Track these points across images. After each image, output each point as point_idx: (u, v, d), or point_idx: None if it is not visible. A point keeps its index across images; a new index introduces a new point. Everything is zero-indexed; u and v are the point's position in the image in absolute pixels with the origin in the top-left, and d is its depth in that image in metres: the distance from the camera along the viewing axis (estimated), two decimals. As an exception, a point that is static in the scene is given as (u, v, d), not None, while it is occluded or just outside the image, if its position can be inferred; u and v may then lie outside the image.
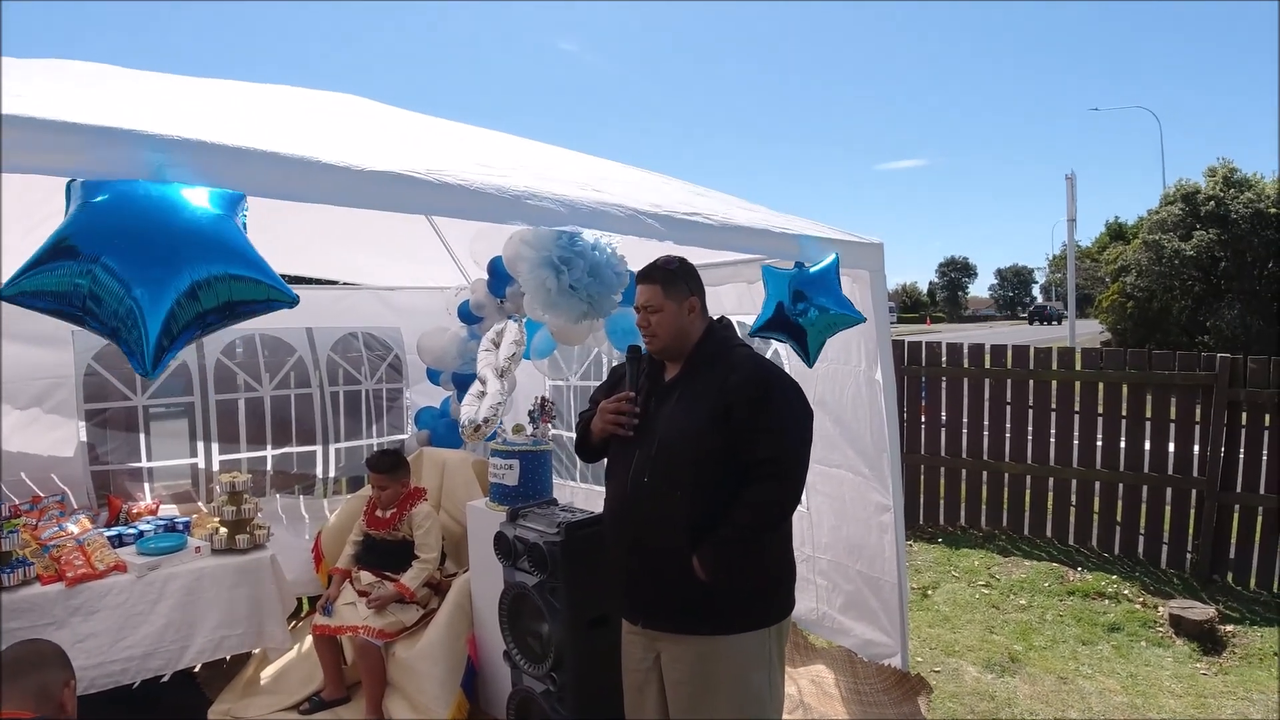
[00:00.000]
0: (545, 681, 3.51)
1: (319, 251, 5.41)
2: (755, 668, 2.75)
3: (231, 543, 4.34)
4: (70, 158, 1.83)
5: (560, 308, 3.84)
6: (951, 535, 7.57)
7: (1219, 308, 21.23)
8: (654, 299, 2.84)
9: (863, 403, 4.55)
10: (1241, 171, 22.90)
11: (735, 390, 2.70)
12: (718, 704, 2.71)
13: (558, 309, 3.86)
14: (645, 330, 2.88)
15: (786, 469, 2.69)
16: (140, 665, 3.91)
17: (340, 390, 5.96)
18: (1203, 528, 6.47)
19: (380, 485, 4.48)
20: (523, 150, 4.21)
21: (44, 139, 1.80)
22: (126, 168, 1.85)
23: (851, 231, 4.30)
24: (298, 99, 4.03)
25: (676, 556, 2.66)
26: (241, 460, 5.43)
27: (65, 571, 3.88)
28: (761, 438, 2.66)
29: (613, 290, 3.95)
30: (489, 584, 3.98)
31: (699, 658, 2.72)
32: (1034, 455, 7.37)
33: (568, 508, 3.83)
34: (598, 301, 3.87)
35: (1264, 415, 6.27)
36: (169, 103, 2.90)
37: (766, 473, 2.65)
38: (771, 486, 2.66)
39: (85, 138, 1.84)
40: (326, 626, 4.30)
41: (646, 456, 2.74)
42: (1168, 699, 4.68)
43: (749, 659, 2.73)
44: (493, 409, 4.41)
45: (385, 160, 2.35)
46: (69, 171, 1.83)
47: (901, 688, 4.49)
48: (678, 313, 2.84)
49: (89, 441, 4.93)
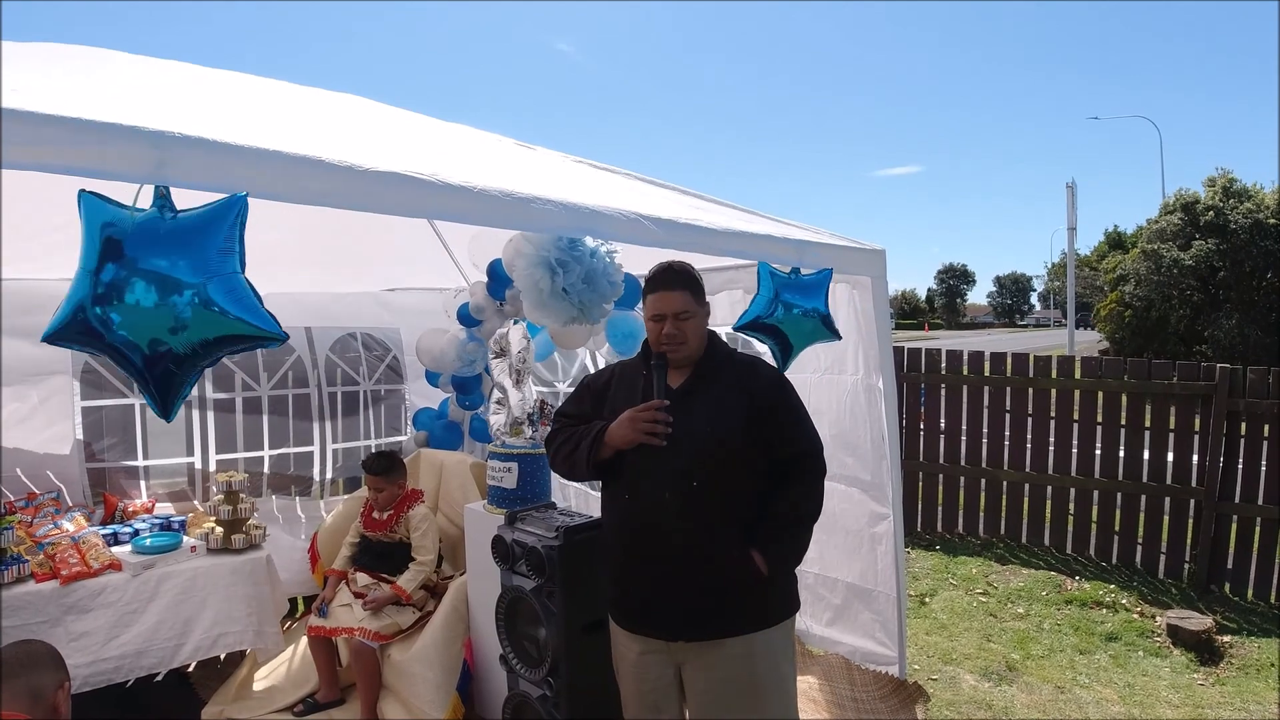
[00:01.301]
0: (541, 686, 3.49)
1: (318, 250, 5.36)
2: (786, 659, 2.84)
3: (227, 542, 4.33)
4: (68, 154, 1.78)
5: (550, 309, 3.82)
6: (950, 543, 7.56)
7: (1217, 317, 21.27)
8: (688, 305, 2.79)
9: (861, 410, 4.54)
10: (1241, 182, 22.95)
11: (763, 393, 2.79)
12: (762, 702, 2.73)
13: (547, 310, 3.84)
14: (676, 337, 2.79)
15: (820, 460, 2.88)
16: (134, 663, 3.89)
17: (338, 391, 5.93)
18: (1201, 538, 6.46)
19: (376, 487, 4.46)
20: (518, 155, 4.20)
21: (42, 134, 1.74)
22: (126, 165, 1.82)
23: (852, 238, 4.28)
24: (296, 96, 4.00)
25: (718, 561, 2.66)
26: (238, 460, 5.40)
27: (60, 569, 3.87)
28: (791, 434, 2.81)
29: (605, 299, 3.93)
30: (486, 587, 3.96)
31: (735, 659, 2.72)
32: (1033, 463, 7.36)
33: (566, 511, 3.82)
34: (588, 307, 3.85)
35: (1263, 425, 6.27)
36: (167, 94, 2.87)
37: (806, 467, 2.82)
38: (814, 477, 2.85)
39: (85, 134, 1.79)
40: (322, 628, 4.28)
41: (675, 465, 2.68)
42: (1165, 709, 4.67)
43: (783, 650, 2.83)
44: (521, 408, 4.39)
45: (387, 160, 2.32)
46: (67, 169, 1.78)
47: (899, 696, 4.47)
48: (705, 319, 2.88)
49: (85, 439, 4.91)
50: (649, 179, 4.52)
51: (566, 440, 2.92)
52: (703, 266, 3.88)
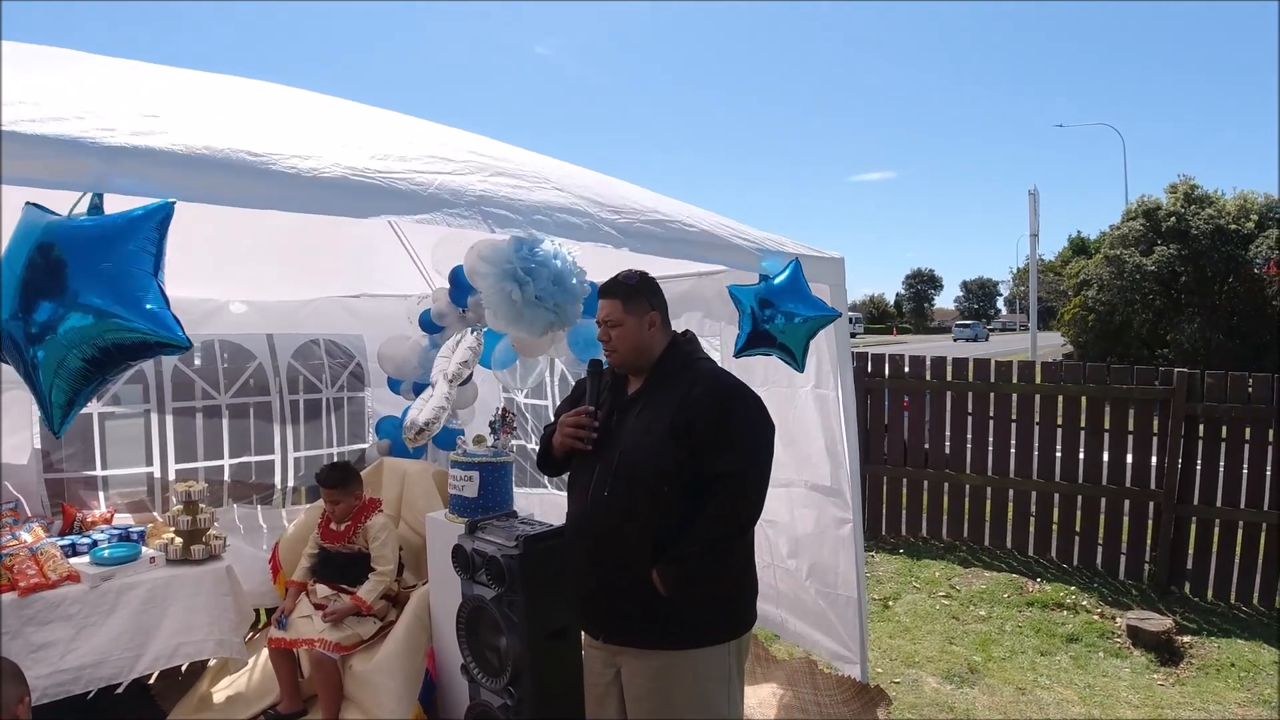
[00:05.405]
0: (503, 695, 3.48)
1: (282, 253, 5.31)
2: (715, 683, 2.73)
3: (187, 553, 4.29)
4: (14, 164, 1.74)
5: (526, 319, 3.81)
6: (913, 546, 7.61)
7: (1179, 322, 21.56)
8: (614, 313, 2.84)
9: (811, 420, 4.55)
10: (1202, 188, 23.31)
11: (696, 404, 2.69)
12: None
13: (523, 320, 3.82)
14: (606, 344, 2.88)
15: (747, 483, 2.67)
16: (93, 674, 3.86)
17: (300, 399, 5.88)
18: (1160, 539, 6.55)
19: (332, 500, 4.41)
20: (477, 146, 4.17)
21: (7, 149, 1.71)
22: (70, 176, 1.79)
23: (814, 246, 4.29)
24: (266, 95, 3.93)
25: (637, 570, 2.64)
26: (198, 469, 5.35)
27: (18, 580, 3.83)
28: (722, 451, 2.64)
29: (576, 299, 3.92)
30: (448, 596, 3.94)
31: (658, 673, 2.71)
32: (994, 467, 7.44)
33: (527, 520, 3.81)
34: (563, 311, 3.85)
35: (1221, 429, 6.37)
36: (116, 99, 2.82)
37: (726, 487, 2.63)
38: (731, 501, 2.64)
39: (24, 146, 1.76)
40: (282, 640, 4.24)
41: (608, 470, 2.73)
42: (1125, 709, 4.73)
43: (709, 674, 2.72)
44: (435, 412, 4.37)
45: (337, 162, 2.29)
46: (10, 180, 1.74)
47: (861, 699, 4.49)
48: (637, 327, 2.83)
49: (43, 449, 4.85)
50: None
51: (543, 438, 3.05)
52: (667, 274, 3.88)
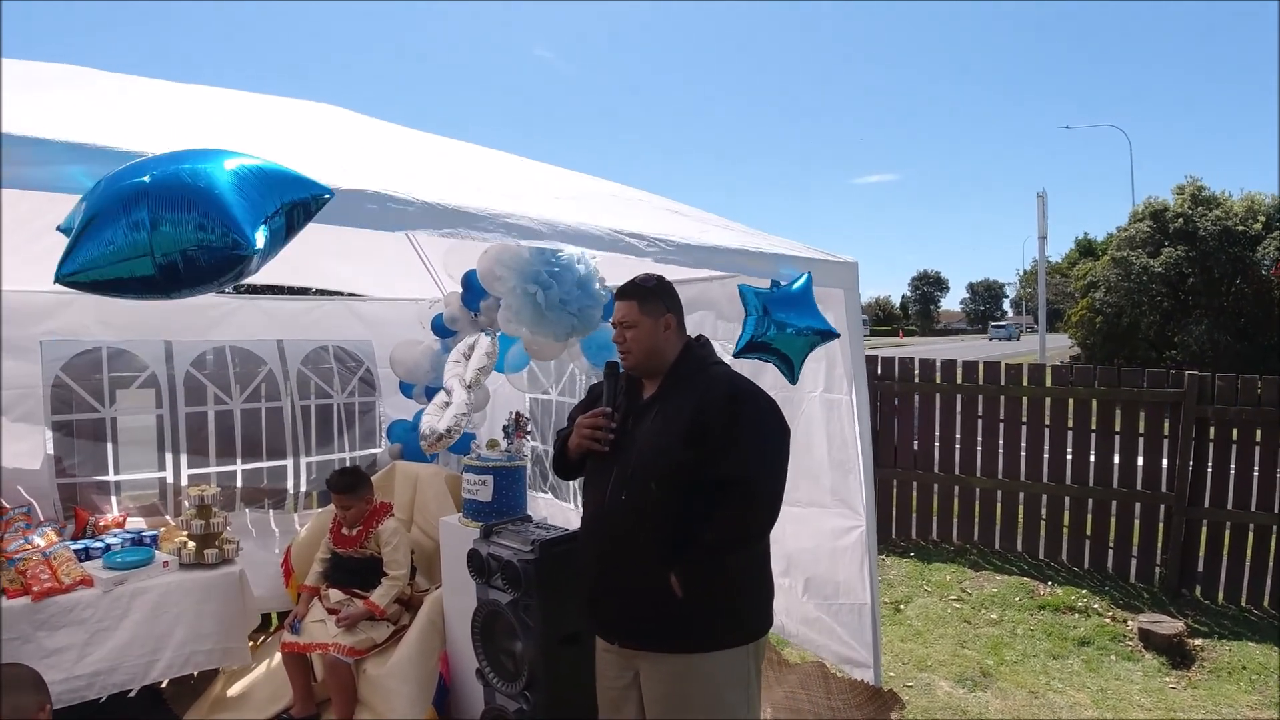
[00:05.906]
0: (518, 700, 3.49)
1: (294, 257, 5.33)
2: (732, 686, 2.73)
3: (200, 557, 4.30)
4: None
5: (549, 323, 3.81)
6: (923, 549, 7.60)
7: (1187, 323, 21.55)
8: (630, 315, 2.85)
9: (816, 428, 4.54)
10: (1209, 190, 23.32)
11: (709, 408, 2.69)
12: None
13: (546, 324, 3.82)
14: (621, 346, 2.89)
15: (758, 487, 2.66)
16: (106, 680, 3.87)
17: (311, 404, 5.89)
18: (1171, 542, 6.53)
19: (343, 505, 4.41)
20: (499, 164, 4.18)
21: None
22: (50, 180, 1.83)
23: (826, 250, 4.30)
24: (271, 108, 3.97)
25: (653, 574, 2.64)
26: (211, 474, 5.36)
27: (31, 585, 3.83)
28: (733, 455, 2.64)
29: (599, 304, 3.93)
30: (461, 600, 3.95)
31: (675, 676, 2.70)
32: (1005, 470, 7.42)
33: (542, 524, 3.81)
34: (586, 315, 3.86)
35: (1231, 431, 6.35)
36: (117, 113, 2.84)
37: (738, 491, 2.62)
38: (743, 505, 2.64)
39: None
40: (295, 644, 4.24)
41: (624, 473, 2.73)
42: (1137, 713, 4.72)
43: (726, 677, 2.71)
44: (456, 420, 4.38)
45: (357, 177, 2.31)
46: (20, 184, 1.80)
47: (874, 703, 4.49)
48: (653, 329, 2.84)
49: (56, 453, 4.86)
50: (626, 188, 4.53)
51: (558, 441, 3.05)
52: (682, 278, 3.90)
